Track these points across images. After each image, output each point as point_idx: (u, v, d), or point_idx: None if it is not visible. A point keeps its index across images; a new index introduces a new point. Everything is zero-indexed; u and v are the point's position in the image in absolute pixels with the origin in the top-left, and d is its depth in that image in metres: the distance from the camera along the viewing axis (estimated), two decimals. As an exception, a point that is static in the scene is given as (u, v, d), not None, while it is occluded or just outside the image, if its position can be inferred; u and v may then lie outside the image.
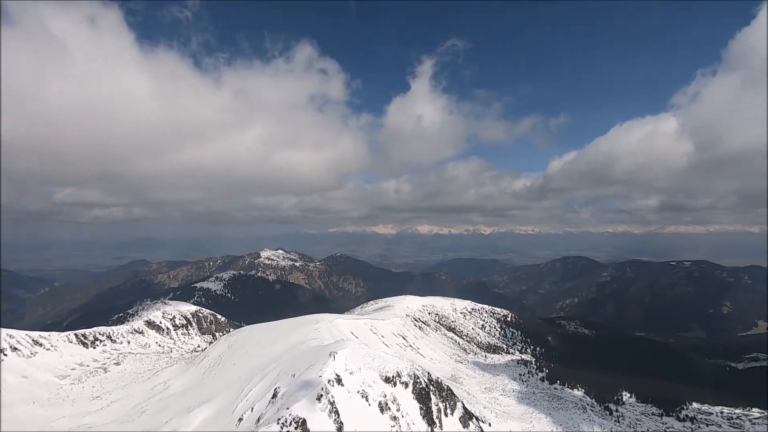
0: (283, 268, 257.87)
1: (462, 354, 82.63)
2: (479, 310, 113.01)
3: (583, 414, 58.28)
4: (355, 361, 30.25)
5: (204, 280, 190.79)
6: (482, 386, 64.17)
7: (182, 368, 47.39)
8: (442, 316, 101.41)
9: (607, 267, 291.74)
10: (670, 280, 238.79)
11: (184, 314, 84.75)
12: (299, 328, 50.81)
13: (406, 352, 68.94)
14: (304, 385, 26.21)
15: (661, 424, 58.99)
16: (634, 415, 61.76)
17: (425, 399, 31.45)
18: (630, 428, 56.47)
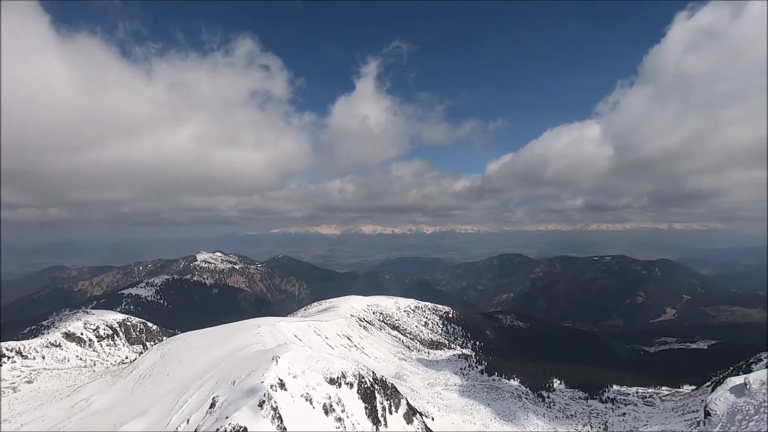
0: (222, 272, 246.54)
1: (406, 352, 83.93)
2: (422, 307, 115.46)
3: (519, 402, 61.60)
4: (299, 365, 29.56)
5: (133, 287, 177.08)
6: (425, 382, 65.63)
7: (108, 382, 43.60)
8: (386, 315, 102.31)
9: (539, 263, 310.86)
10: (593, 274, 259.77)
11: (109, 324, 77.95)
12: (240, 333, 48.76)
13: (351, 352, 68.70)
14: (246, 392, 25.13)
15: (586, 407, 63.89)
16: (563, 400, 66.33)
17: (370, 398, 31.48)
18: (560, 413, 60.58)
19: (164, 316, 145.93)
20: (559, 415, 59.76)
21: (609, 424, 56.30)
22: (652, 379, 79.24)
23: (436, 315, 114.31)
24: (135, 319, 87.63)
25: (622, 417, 59.20)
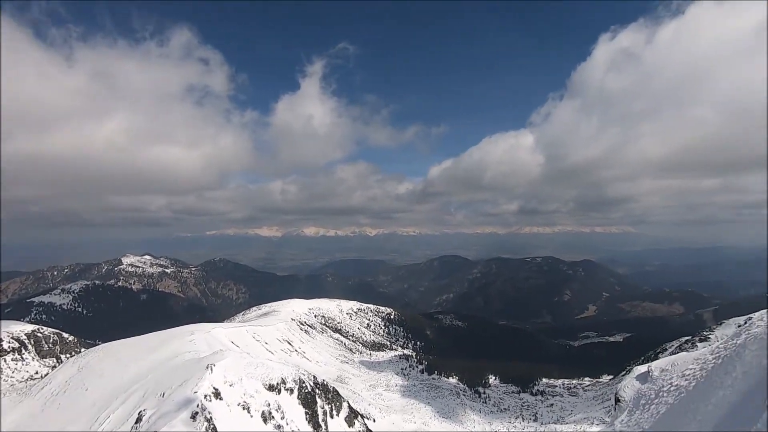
0: (151, 276, 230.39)
1: (348, 354, 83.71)
2: (365, 309, 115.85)
3: (457, 399, 63.81)
4: (236, 372, 28.48)
5: (46, 294, 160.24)
6: (367, 384, 65.87)
7: (13, 401, 39.06)
8: (328, 318, 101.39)
9: (477, 264, 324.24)
10: (525, 274, 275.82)
11: (16, 336, 69.67)
12: (171, 341, 45.88)
13: (291, 357, 67.25)
14: (177, 403, 23.75)
15: (519, 400, 67.62)
16: (498, 394, 69.68)
17: (311, 403, 31.07)
18: (495, 407, 63.60)
19: (83, 325, 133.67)
20: (494, 409, 62.71)
21: (539, 415, 59.99)
22: (576, 371, 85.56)
23: (379, 317, 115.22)
24: (47, 329, 78.98)
25: (550, 408, 63.35)
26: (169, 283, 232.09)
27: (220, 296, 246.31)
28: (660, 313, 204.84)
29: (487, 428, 54.41)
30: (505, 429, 54.54)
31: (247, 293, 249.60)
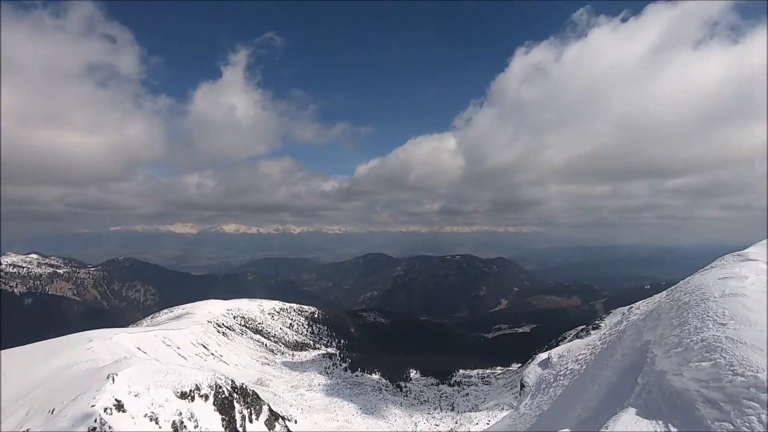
0: (39, 277, 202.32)
1: (270, 356, 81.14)
2: (287, 309, 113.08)
3: (380, 395, 64.99)
4: (143, 381, 26.24)
5: None
6: (289, 385, 64.46)
7: None
8: (248, 319, 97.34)
9: (400, 262, 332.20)
10: (446, 271, 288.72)
11: None
12: (64, 350, 40.83)
13: (207, 361, 63.51)
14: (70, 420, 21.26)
15: (437, 392, 70.72)
16: (418, 388, 72.22)
17: (228, 409, 29.68)
18: (415, 400, 65.87)
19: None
20: (414, 402, 64.88)
21: (455, 405, 63.27)
22: (489, 362, 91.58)
23: (302, 316, 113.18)
24: None
25: (466, 397, 67.13)
26: (62, 285, 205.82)
27: (124, 299, 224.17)
28: (561, 305, 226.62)
29: (407, 421, 56.16)
30: (424, 420, 56.72)
31: (156, 295, 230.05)
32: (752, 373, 4.49)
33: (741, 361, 4.77)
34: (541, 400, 12.44)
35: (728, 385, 4.55)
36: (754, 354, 4.83)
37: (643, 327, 8.41)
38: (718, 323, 5.82)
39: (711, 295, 6.81)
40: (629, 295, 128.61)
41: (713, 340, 5.40)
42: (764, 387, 4.27)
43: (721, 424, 4.27)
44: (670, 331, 6.66)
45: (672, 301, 8.12)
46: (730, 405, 4.37)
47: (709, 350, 5.27)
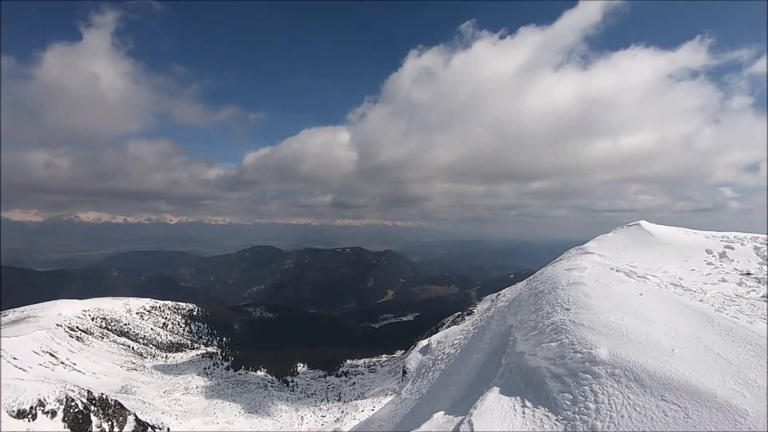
0: None
1: (138, 360, 72.64)
2: (161, 307, 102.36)
3: (265, 392, 62.90)
4: (-38, 403, 21.37)
5: None
6: (162, 390, 58.62)
7: None
8: (111, 321, 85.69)
9: (290, 254, 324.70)
10: (335, 263, 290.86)
11: None
12: None
13: (56, 372, 54.25)
14: None
15: (325, 383, 71.09)
16: (306, 381, 71.70)
17: (83, 423, 25.83)
18: (303, 393, 65.30)
19: None
20: (301, 396, 64.26)
21: (342, 395, 64.33)
22: (376, 350, 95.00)
23: (178, 314, 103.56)
24: None
25: (353, 386, 68.71)
26: None
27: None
28: (442, 293, 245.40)
29: (294, 416, 55.42)
30: (311, 413, 56.58)
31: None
32: (587, 350, 5.37)
33: (580, 341, 5.67)
34: (421, 384, 13.25)
35: (570, 361, 5.37)
36: (589, 334, 5.78)
37: (507, 313, 9.48)
38: (564, 308, 6.84)
39: (559, 284, 7.97)
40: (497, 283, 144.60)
41: (560, 324, 6.32)
42: (596, 361, 5.14)
43: (563, 395, 5.01)
44: (528, 316, 7.63)
45: (530, 289, 9.32)
46: (571, 378, 5.15)
47: (557, 332, 6.16)
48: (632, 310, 6.27)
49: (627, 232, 16.22)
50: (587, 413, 4.60)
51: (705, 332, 5.40)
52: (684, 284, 10.22)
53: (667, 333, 5.50)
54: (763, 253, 12.99)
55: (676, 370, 4.60)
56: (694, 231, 16.32)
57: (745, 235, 15.23)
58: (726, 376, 4.43)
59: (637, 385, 4.60)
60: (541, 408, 5.12)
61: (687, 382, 4.39)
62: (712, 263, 12.82)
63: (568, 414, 4.77)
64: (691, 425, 3.96)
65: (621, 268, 10.30)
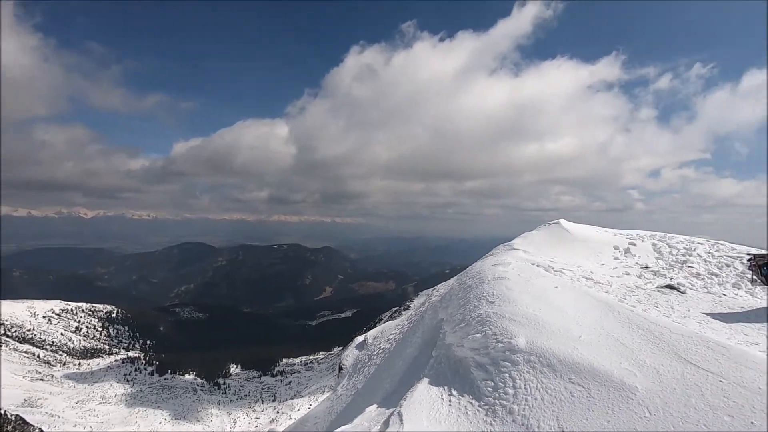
0: None
1: (44, 369, 65.60)
2: (73, 310, 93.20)
3: (194, 396, 59.78)
4: None
5: None
6: (73, 401, 53.48)
7: None
8: (12, 326, 76.53)
9: (222, 251, 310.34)
10: (271, 260, 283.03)
11: None
12: None
13: (-61, 387, 47.41)
14: None
15: (259, 384, 69.12)
16: (239, 382, 69.20)
17: (-25, 444, 22.89)
18: (235, 395, 62.91)
19: None
20: (234, 398, 61.95)
21: (278, 394, 62.98)
22: (313, 348, 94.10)
23: (94, 317, 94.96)
24: None
25: (289, 385, 67.55)
26: None
27: None
28: (380, 290, 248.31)
29: (225, 419, 53.30)
30: (244, 415, 54.76)
31: None
32: (508, 340, 5.79)
33: (502, 331, 6.09)
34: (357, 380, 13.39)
35: (492, 351, 5.76)
36: (510, 325, 6.23)
37: (439, 307, 9.88)
38: (489, 302, 7.30)
39: (486, 279, 8.48)
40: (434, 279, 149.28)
41: (485, 316, 6.74)
42: (515, 350, 5.56)
43: (486, 382, 5.37)
44: (456, 309, 8.03)
45: (460, 284, 9.80)
46: (493, 366, 5.53)
47: (482, 324, 6.57)
48: (548, 302, 6.86)
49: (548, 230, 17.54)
50: (506, 398, 4.98)
51: (607, 320, 6.05)
52: (594, 277, 11.32)
53: (576, 322, 6.09)
54: (659, 249, 14.71)
55: (581, 355, 5.12)
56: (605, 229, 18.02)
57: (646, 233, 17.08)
58: (622, 358, 5.01)
59: (549, 370, 5.06)
60: (466, 396, 5.45)
61: (590, 365, 4.90)
62: (618, 258, 14.29)
63: (489, 400, 5.12)
64: (592, 403, 4.44)
65: (541, 263, 11.17)
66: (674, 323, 6.26)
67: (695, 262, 13.31)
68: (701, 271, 12.64)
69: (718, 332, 6.77)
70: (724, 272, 12.48)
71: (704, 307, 8.78)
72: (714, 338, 5.30)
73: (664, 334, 5.34)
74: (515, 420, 4.66)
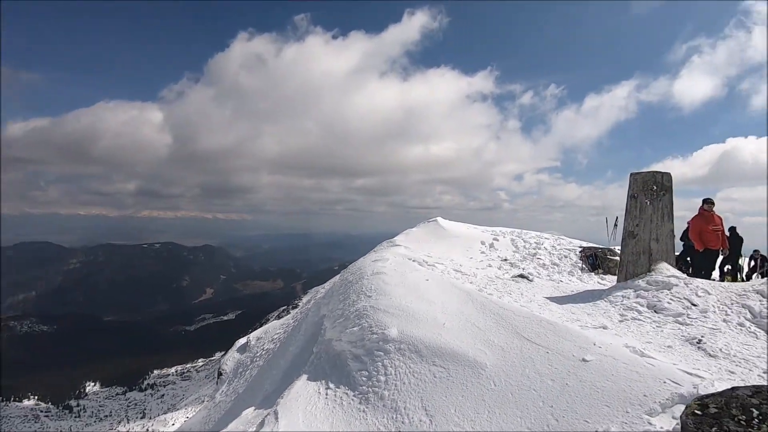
0: None
1: None
2: None
3: (36, 424, 50.64)
4: None
5: None
6: None
7: None
8: None
9: (76, 252, 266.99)
10: (141, 261, 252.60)
11: None
12: None
13: None
14: None
15: (125, 401, 61.38)
16: (97, 403, 60.59)
17: None
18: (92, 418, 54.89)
19: None
20: (90, 420, 54.08)
21: (147, 411, 56.66)
22: (191, 355, 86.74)
23: None
24: None
25: (161, 399, 61.27)
26: None
27: None
28: (267, 289, 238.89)
29: (79, 446, 46.24)
30: (104, 439, 48.22)
31: None
32: (382, 330, 6.18)
33: (377, 323, 6.47)
34: (237, 384, 12.89)
35: (367, 342, 6.10)
36: (385, 317, 6.65)
37: (321, 303, 10.03)
38: (367, 296, 7.67)
39: (365, 274, 8.87)
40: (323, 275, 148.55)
41: (363, 310, 7.07)
42: (388, 339, 5.96)
43: (360, 372, 5.67)
44: (337, 305, 8.26)
45: (342, 280, 10.07)
46: (368, 357, 5.86)
47: (360, 317, 6.89)
48: (419, 294, 7.47)
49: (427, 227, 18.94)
50: (378, 385, 5.33)
51: (467, 307, 6.83)
52: (463, 270, 12.60)
53: (442, 311, 6.76)
54: (516, 243, 16.95)
55: (444, 340, 5.72)
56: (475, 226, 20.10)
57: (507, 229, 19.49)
58: (476, 340, 5.73)
59: (416, 356, 5.55)
60: (342, 387, 5.68)
61: (451, 348, 5.51)
62: (484, 252, 16.09)
63: (363, 389, 5.43)
64: (451, 381, 5.01)
65: (417, 258, 12.05)
66: (521, 307, 7.34)
67: (543, 254, 15.67)
68: (546, 262, 14.92)
69: (552, 312, 8.13)
70: (562, 262, 14.92)
71: (546, 293, 10.43)
72: (547, 318, 6.37)
73: (510, 316, 6.23)
74: (385, 405, 5.03)
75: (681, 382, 4.17)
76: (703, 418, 2.30)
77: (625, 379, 4.33)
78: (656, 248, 9.61)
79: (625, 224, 10.19)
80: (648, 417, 3.77)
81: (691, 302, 7.76)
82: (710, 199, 11.21)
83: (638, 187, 9.85)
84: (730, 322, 7.10)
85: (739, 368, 5.56)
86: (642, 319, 7.59)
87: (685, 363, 5.51)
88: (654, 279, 8.79)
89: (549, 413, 4.17)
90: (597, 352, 4.91)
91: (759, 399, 2.34)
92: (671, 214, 9.80)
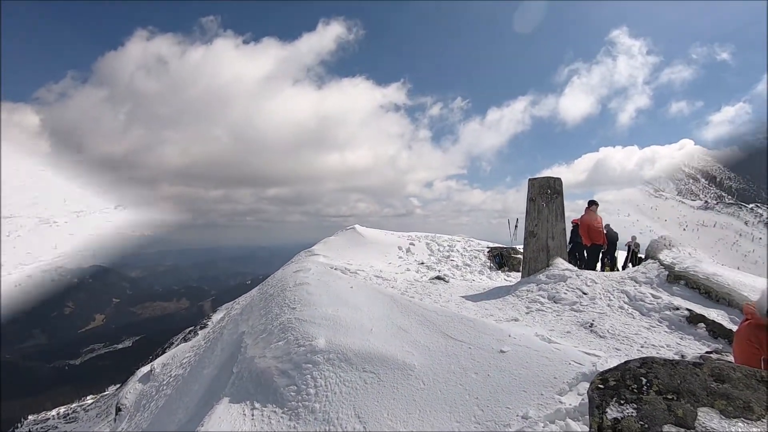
0: None
1: None
2: None
3: None
4: None
5: None
6: None
7: None
8: None
9: None
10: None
11: None
12: None
13: None
14: None
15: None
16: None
17: None
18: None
19: None
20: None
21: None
22: (77, 393, 75.78)
23: None
24: None
25: (38, 448, 52.50)
26: None
27: None
28: (170, 310, 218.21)
29: None
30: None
31: None
32: (309, 342, 6.04)
33: (303, 335, 6.31)
34: (141, 419, 11.59)
35: (294, 355, 5.91)
36: (311, 327, 6.50)
37: (239, 320, 9.47)
38: (291, 308, 7.44)
39: (287, 286, 8.60)
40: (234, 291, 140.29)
41: (287, 323, 6.84)
42: (316, 351, 5.84)
43: (289, 387, 5.47)
44: (258, 320, 7.88)
45: (261, 293, 9.63)
46: (296, 371, 5.67)
47: (284, 331, 6.65)
48: (345, 302, 7.45)
49: (345, 235, 18.96)
50: (308, 398, 5.19)
51: (392, 311, 6.98)
52: (383, 275, 12.83)
53: (369, 316, 6.82)
54: (430, 247, 17.73)
55: (373, 345, 5.78)
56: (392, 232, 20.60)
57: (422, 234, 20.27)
58: (404, 342, 5.88)
59: (346, 364, 5.52)
60: (270, 405, 5.42)
61: (380, 353, 5.58)
62: (402, 257, 16.56)
63: (292, 404, 5.24)
64: (382, 386, 5.07)
65: (339, 267, 12.01)
66: (441, 307, 7.70)
67: (455, 256, 16.59)
68: (459, 263, 15.83)
69: (469, 310, 8.66)
70: (473, 263, 15.95)
71: (461, 292, 11.06)
72: (466, 315, 6.78)
73: (433, 317, 6.50)
74: (317, 417, 4.91)
75: (582, 362, 4.75)
76: (605, 390, 2.62)
77: (538, 364, 4.79)
78: (552, 245, 10.76)
79: (525, 224, 11.27)
80: (559, 396, 4.22)
81: (582, 291, 8.84)
82: (596, 201, 13.07)
83: (536, 191, 10.98)
84: (612, 306, 8.26)
85: (623, 345, 6.51)
86: (545, 309, 8.46)
87: (582, 345, 6.28)
88: (552, 273, 9.85)
89: (475, 404, 4.43)
90: (512, 343, 5.36)
91: (645, 369, 2.71)
92: (563, 214, 11.08)
